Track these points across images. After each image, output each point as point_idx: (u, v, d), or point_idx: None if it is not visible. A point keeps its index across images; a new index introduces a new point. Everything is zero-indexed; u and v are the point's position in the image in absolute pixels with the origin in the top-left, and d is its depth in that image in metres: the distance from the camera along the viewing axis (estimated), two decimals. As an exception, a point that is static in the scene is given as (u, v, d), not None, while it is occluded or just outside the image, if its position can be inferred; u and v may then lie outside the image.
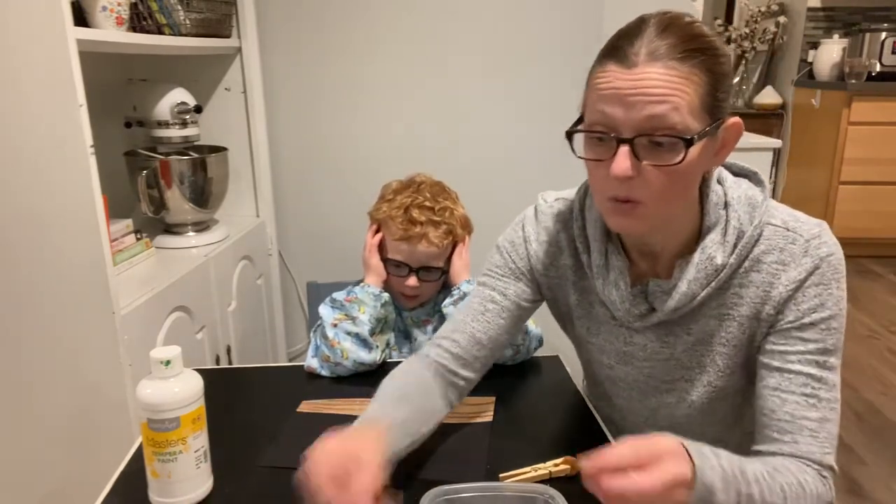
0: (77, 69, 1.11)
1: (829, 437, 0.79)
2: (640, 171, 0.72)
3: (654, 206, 0.75)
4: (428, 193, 1.22)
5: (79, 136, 1.13)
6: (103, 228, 1.19)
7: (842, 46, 3.92)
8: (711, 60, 0.71)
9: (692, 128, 0.70)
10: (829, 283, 0.79)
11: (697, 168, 0.75)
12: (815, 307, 0.79)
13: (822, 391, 0.80)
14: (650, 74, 0.69)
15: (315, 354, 1.15)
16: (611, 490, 0.63)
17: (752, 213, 0.81)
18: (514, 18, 2.04)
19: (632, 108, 0.70)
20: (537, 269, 0.95)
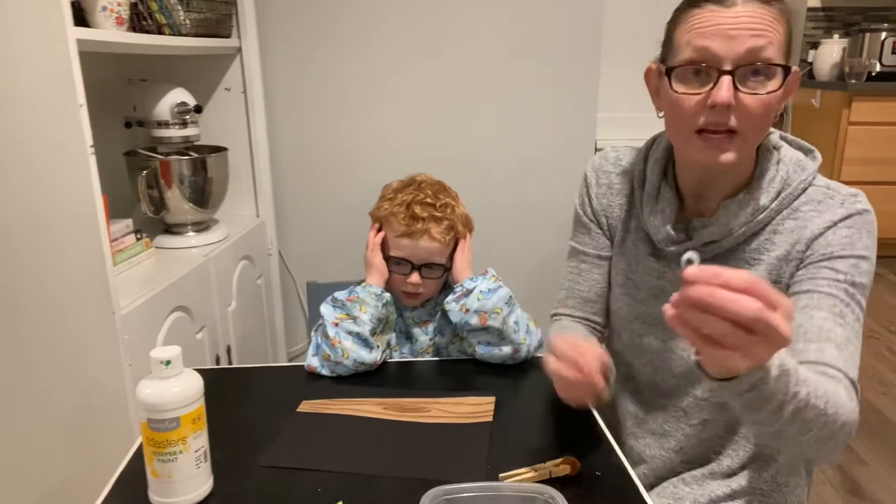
0: (77, 69, 1.11)
1: (852, 357, 0.81)
2: (738, 100, 0.78)
3: (749, 135, 0.81)
4: (429, 191, 1.22)
5: (79, 136, 1.13)
6: (103, 228, 1.19)
7: (842, 46, 3.92)
8: (787, 10, 0.81)
9: (781, 62, 0.79)
10: (861, 229, 0.85)
11: (777, 105, 0.82)
12: (845, 245, 0.85)
13: (850, 316, 0.82)
14: (749, 11, 0.77)
15: (316, 353, 1.15)
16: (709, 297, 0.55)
17: (800, 173, 0.88)
18: (514, 19, 2.04)
19: (733, 40, 0.77)
20: (598, 211, 1.06)
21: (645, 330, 1.02)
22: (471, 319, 1.14)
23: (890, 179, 3.67)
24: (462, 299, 1.15)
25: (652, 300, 1.00)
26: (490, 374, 1.15)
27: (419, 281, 1.20)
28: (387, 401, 1.04)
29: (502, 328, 1.13)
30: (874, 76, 3.73)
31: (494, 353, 1.15)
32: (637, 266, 1.01)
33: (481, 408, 1.01)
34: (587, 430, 0.96)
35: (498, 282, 1.18)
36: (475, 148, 2.13)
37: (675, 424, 1.01)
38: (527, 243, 2.20)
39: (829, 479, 1.89)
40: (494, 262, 1.31)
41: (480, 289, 1.15)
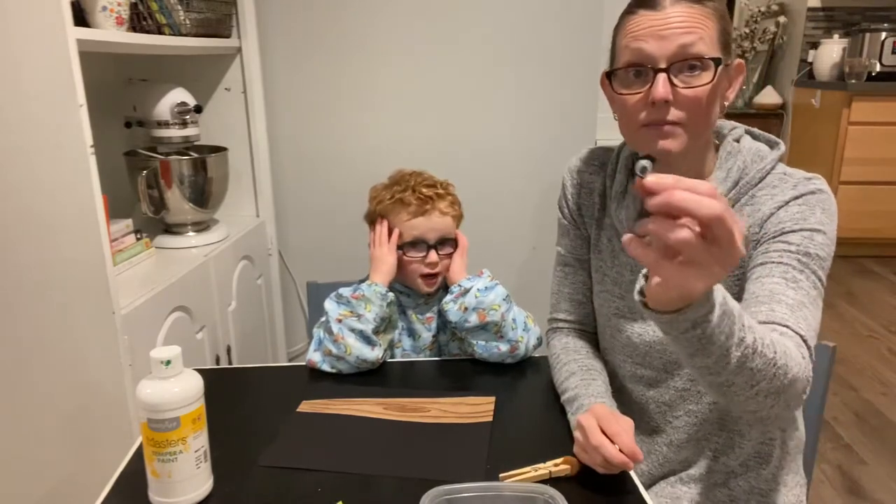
0: (77, 69, 1.11)
1: (805, 318, 0.80)
2: (676, 95, 0.83)
3: (691, 126, 0.85)
4: (425, 175, 1.27)
5: (79, 136, 1.13)
6: (103, 228, 1.19)
7: (842, 46, 3.92)
8: (720, 6, 0.85)
9: (713, 56, 0.83)
10: (814, 206, 0.85)
11: (717, 96, 0.86)
12: (796, 219, 0.85)
13: (804, 282, 0.82)
14: (677, 12, 0.83)
15: (317, 348, 1.15)
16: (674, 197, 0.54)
17: (758, 162, 0.90)
18: (513, 19, 2.04)
19: (665, 40, 0.82)
20: (574, 211, 1.08)
21: (623, 325, 1.03)
22: (469, 317, 1.14)
23: (890, 179, 3.67)
24: (460, 298, 1.16)
25: (628, 294, 1.00)
26: (490, 373, 1.15)
27: (437, 259, 1.22)
28: (387, 401, 1.04)
29: (501, 323, 1.14)
30: (874, 76, 3.73)
31: (493, 352, 1.16)
32: (613, 262, 1.03)
33: (481, 408, 1.01)
34: (587, 430, 0.96)
35: (494, 280, 1.19)
36: (476, 148, 2.13)
37: (661, 418, 1.02)
38: (527, 243, 2.20)
39: (829, 479, 1.89)
40: (495, 262, 1.32)
41: (478, 287, 1.16)
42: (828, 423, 2.14)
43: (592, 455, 0.82)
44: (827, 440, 2.06)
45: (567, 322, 1.13)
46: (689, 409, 0.99)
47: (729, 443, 0.98)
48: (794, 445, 1.01)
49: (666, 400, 1.01)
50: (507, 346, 1.15)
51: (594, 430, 0.83)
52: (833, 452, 2.01)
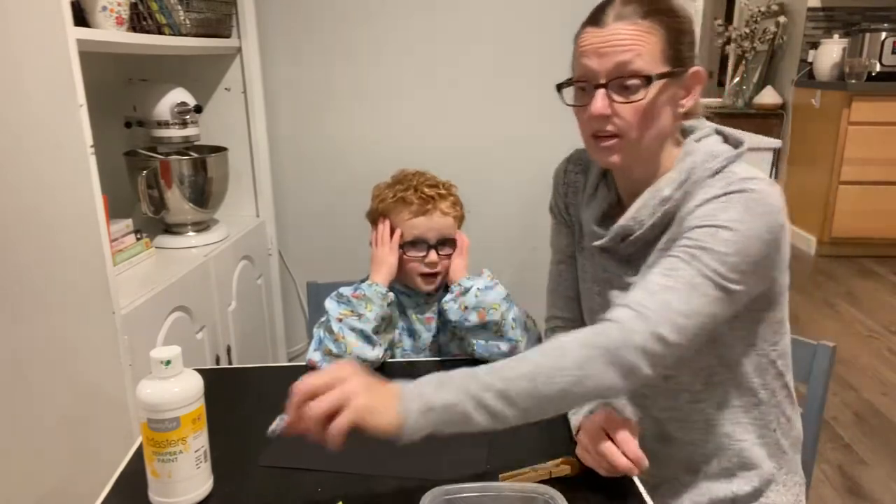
0: (77, 69, 1.11)
1: (661, 300, 0.79)
2: (614, 110, 0.87)
3: (632, 138, 0.88)
4: (427, 175, 1.28)
5: (79, 136, 1.13)
6: (103, 228, 1.19)
7: (842, 46, 3.92)
8: (669, 19, 0.87)
9: (653, 71, 0.85)
10: (735, 203, 0.82)
11: (665, 107, 0.88)
12: (706, 216, 0.83)
13: (683, 270, 0.80)
14: (617, 30, 0.85)
15: (317, 348, 1.15)
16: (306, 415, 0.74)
17: (709, 161, 0.89)
18: (513, 18, 2.04)
19: (603, 57, 0.86)
20: (563, 210, 1.09)
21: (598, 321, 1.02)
22: (469, 316, 1.15)
23: (890, 179, 3.67)
24: (460, 297, 1.16)
25: (602, 293, 1.02)
26: (490, 374, 1.15)
27: (437, 259, 1.22)
28: (387, 401, 1.03)
29: (501, 323, 1.14)
30: (874, 76, 3.73)
31: (493, 351, 1.16)
32: (591, 259, 1.04)
33: (481, 408, 1.01)
34: (587, 430, 0.96)
35: (494, 280, 1.20)
36: (477, 148, 2.13)
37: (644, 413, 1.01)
38: (527, 243, 2.20)
39: (829, 479, 1.89)
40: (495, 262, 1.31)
41: (478, 286, 1.17)
42: (828, 423, 2.14)
43: (597, 460, 0.82)
44: (827, 440, 2.06)
45: (564, 319, 1.13)
46: (668, 405, 0.99)
47: (719, 446, 0.98)
48: (789, 444, 1.01)
49: (644, 392, 1.00)
50: (506, 345, 1.15)
51: (599, 435, 0.83)
52: (833, 452, 2.01)
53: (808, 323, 2.91)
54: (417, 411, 0.75)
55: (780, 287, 0.92)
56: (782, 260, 0.89)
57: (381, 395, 0.76)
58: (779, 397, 0.98)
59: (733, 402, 0.96)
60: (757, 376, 0.95)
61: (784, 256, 0.89)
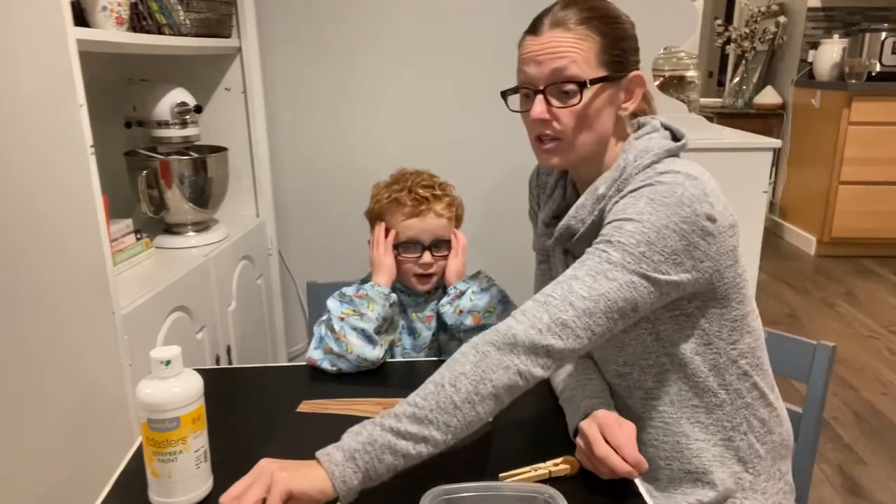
0: (77, 69, 1.11)
1: (567, 288, 0.81)
2: (553, 114, 0.90)
3: (569, 140, 0.91)
4: (424, 175, 1.28)
5: (79, 136, 1.13)
6: (103, 228, 1.19)
7: (842, 46, 3.92)
8: (605, 25, 0.89)
9: (588, 76, 0.88)
10: (640, 197, 0.85)
11: (603, 109, 0.91)
12: (616, 212, 0.86)
13: (588, 259, 0.83)
14: (552, 37, 0.88)
15: (318, 346, 1.15)
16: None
17: (642, 156, 0.91)
18: (514, 18, 2.04)
19: (540, 64, 0.89)
20: (537, 212, 1.10)
21: None
22: (465, 320, 1.15)
23: (890, 179, 3.67)
24: (455, 301, 1.16)
25: None
26: (490, 374, 1.15)
27: (431, 260, 1.23)
28: (387, 401, 1.04)
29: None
30: (874, 76, 3.73)
31: None
32: (559, 259, 1.06)
33: (481, 408, 1.01)
34: (587, 430, 0.96)
35: (490, 282, 1.19)
36: (476, 147, 2.13)
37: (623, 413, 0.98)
38: (526, 243, 2.19)
39: (829, 479, 1.89)
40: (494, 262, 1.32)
41: (473, 289, 1.17)
42: (828, 423, 2.14)
43: (597, 464, 0.82)
44: (827, 440, 2.06)
45: None
46: (626, 405, 0.99)
47: (675, 445, 0.96)
48: (767, 450, 0.97)
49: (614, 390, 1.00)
50: None
51: (598, 440, 0.83)
52: (833, 452, 2.01)
53: (808, 323, 2.91)
54: (342, 460, 0.75)
55: (730, 283, 0.90)
56: (725, 254, 0.87)
57: (304, 464, 0.76)
58: (747, 398, 0.95)
59: (690, 402, 0.95)
60: (714, 375, 0.93)
61: (727, 250, 0.87)
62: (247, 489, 0.72)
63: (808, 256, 3.88)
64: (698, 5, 3.43)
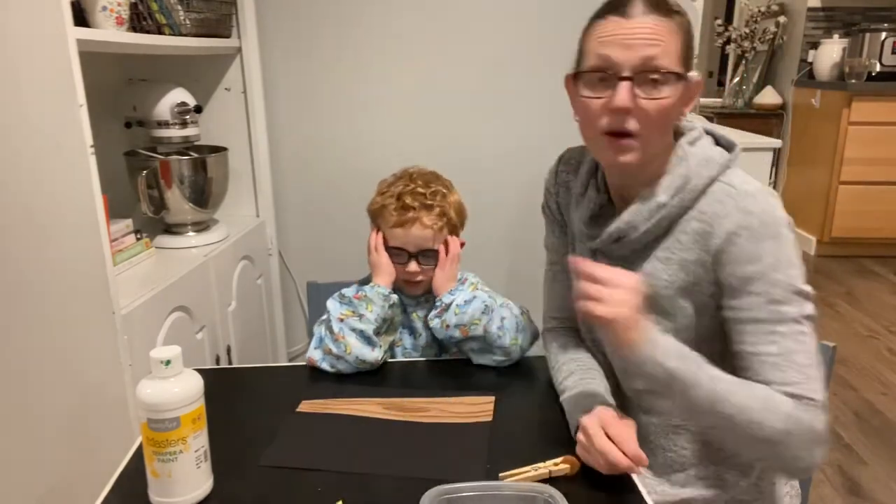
0: (77, 69, 1.11)
1: (796, 366, 0.83)
2: (636, 105, 0.84)
3: (648, 137, 0.86)
4: (420, 181, 1.24)
5: (79, 136, 1.13)
6: (103, 228, 1.19)
7: (842, 46, 3.92)
8: (685, 22, 0.87)
9: (675, 70, 0.84)
10: (762, 237, 0.84)
11: (675, 109, 0.87)
12: (750, 260, 0.84)
13: (781, 327, 0.84)
14: (645, 23, 0.83)
15: (318, 346, 1.15)
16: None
17: (704, 167, 0.90)
18: (512, 19, 2.04)
19: (630, 49, 0.83)
20: (556, 211, 1.10)
21: (592, 325, 1.03)
22: (453, 333, 1.15)
23: (890, 179, 3.67)
24: (442, 315, 1.16)
25: None
26: (490, 373, 1.15)
27: (417, 269, 1.21)
28: (387, 401, 1.04)
29: (485, 336, 1.13)
30: (874, 76, 3.73)
31: (488, 358, 1.16)
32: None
33: (481, 407, 1.01)
34: (587, 430, 0.96)
35: (475, 290, 1.18)
36: (476, 147, 2.13)
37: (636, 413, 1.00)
38: (527, 243, 2.20)
39: (829, 479, 1.89)
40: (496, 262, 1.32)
41: (457, 302, 1.15)
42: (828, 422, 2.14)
43: (597, 458, 0.83)
44: (827, 440, 2.06)
45: (560, 320, 1.13)
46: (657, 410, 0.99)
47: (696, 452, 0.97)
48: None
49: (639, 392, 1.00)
50: (499, 352, 1.15)
51: (598, 434, 0.83)
52: (833, 452, 2.01)
53: (808, 323, 2.91)
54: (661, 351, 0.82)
55: None
56: None
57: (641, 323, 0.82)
58: None
59: None
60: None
61: None
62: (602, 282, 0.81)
63: (807, 256, 3.88)
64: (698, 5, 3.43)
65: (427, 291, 1.26)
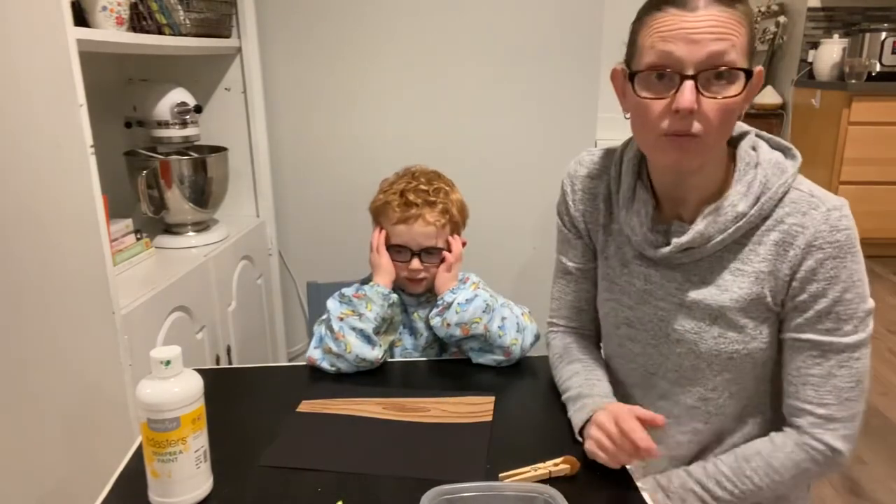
0: (77, 69, 1.11)
1: (834, 391, 0.87)
2: (700, 105, 0.78)
3: (711, 139, 0.80)
4: (423, 178, 1.24)
5: (79, 136, 1.13)
6: (103, 228, 1.19)
7: (842, 46, 3.92)
8: (749, 11, 0.80)
9: (743, 66, 0.78)
10: (845, 255, 0.84)
11: (739, 107, 0.81)
12: (829, 278, 0.84)
13: (830, 352, 0.87)
14: (710, 15, 0.76)
15: (318, 346, 1.15)
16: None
17: (779, 176, 0.86)
18: (513, 17, 2.04)
19: (696, 44, 0.76)
20: (577, 218, 1.04)
21: (633, 335, 1.00)
22: (454, 332, 1.15)
23: (890, 179, 3.67)
24: (444, 313, 1.16)
25: (639, 305, 0.97)
26: (490, 373, 1.15)
27: (420, 267, 1.21)
28: (387, 401, 1.04)
29: (486, 335, 1.14)
30: (874, 76, 3.73)
31: (488, 358, 1.16)
32: (623, 270, 0.99)
33: (481, 407, 1.01)
34: (587, 430, 0.96)
35: (477, 290, 1.17)
36: (476, 147, 2.13)
37: (665, 433, 0.98)
38: (527, 243, 2.20)
39: (829, 478, 1.89)
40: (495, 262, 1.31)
41: (458, 301, 1.15)
42: (828, 423, 2.14)
43: (621, 443, 0.81)
44: (827, 440, 2.05)
45: (568, 328, 1.12)
46: (696, 428, 0.97)
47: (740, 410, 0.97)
48: None
49: (675, 414, 0.97)
50: (499, 352, 1.15)
51: (623, 416, 0.82)
52: (833, 452, 2.01)
53: (808, 323, 2.91)
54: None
55: None
56: None
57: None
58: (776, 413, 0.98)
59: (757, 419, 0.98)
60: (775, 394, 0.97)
61: None
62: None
63: (808, 256, 3.87)
64: (698, 5, 3.44)
65: (428, 290, 1.26)
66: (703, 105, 0.78)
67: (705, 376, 0.93)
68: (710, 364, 0.92)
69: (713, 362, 0.92)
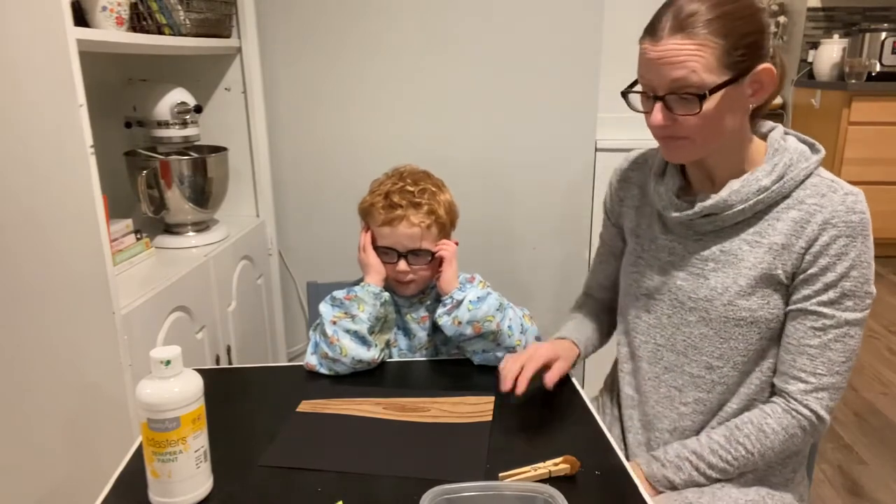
0: (77, 69, 1.11)
1: (826, 363, 0.93)
2: (674, 119, 0.90)
3: (698, 139, 0.92)
4: (409, 179, 1.23)
5: (79, 136, 1.13)
6: (103, 228, 1.19)
7: (842, 46, 3.92)
8: (729, 24, 0.86)
9: (709, 83, 0.86)
10: (857, 236, 0.91)
11: (727, 110, 0.90)
12: (839, 254, 0.91)
13: (831, 327, 0.92)
14: (671, 45, 0.86)
15: (314, 351, 1.15)
16: None
17: (802, 161, 0.95)
18: (514, 18, 2.04)
19: (659, 72, 0.88)
20: (616, 204, 1.16)
21: (650, 305, 1.07)
22: (465, 330, 1.14)
23: (890, 179, 3.67)
24: (453, 311, 1.15)
25: (660, 275, 1.05)
26: (489, 373, 1.15)
27: (407, 269, 1.20)
28: (386, 400, 1.04)
29: (497, 333, 1.13)
30: (874, 76, 3.73)
31: (491, 358, 1.16)
32: (650, 245, 1.08)
33: (481, 407, 1.01)
34: (587, 430, 0.97)
35: (486, 288, 1.18)
36: (476, 148, 2.13)
37: (670, 403, 1.05)
38: (526, 243, 2.20)
39: (829, 478, 1.89)
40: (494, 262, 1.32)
41: (469, 298, 1.14)
42: (828, 423, 2.14)
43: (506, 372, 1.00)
44: (827, 440, 2.06)
45: (593, 298, 1.27)
46: (699, 398, 1.02)
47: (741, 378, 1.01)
48: None
49: (678, 384, 1.04)
50: (504, 353, 1.15)
51: (531, 356, 1.02)
52: (833, 452, 2.01)
53: (808, 323, 2.91)
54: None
55: None
56: None
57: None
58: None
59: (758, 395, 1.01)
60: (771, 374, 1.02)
61: None
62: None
63: (808, 256, 3.87)
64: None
65: (420, 292, 1.25)
66: (676, 119, 0.90)
67: (712, 343, 1.00)
68: (717, 331, 0.99)
69: (721, 328, 0.98)
